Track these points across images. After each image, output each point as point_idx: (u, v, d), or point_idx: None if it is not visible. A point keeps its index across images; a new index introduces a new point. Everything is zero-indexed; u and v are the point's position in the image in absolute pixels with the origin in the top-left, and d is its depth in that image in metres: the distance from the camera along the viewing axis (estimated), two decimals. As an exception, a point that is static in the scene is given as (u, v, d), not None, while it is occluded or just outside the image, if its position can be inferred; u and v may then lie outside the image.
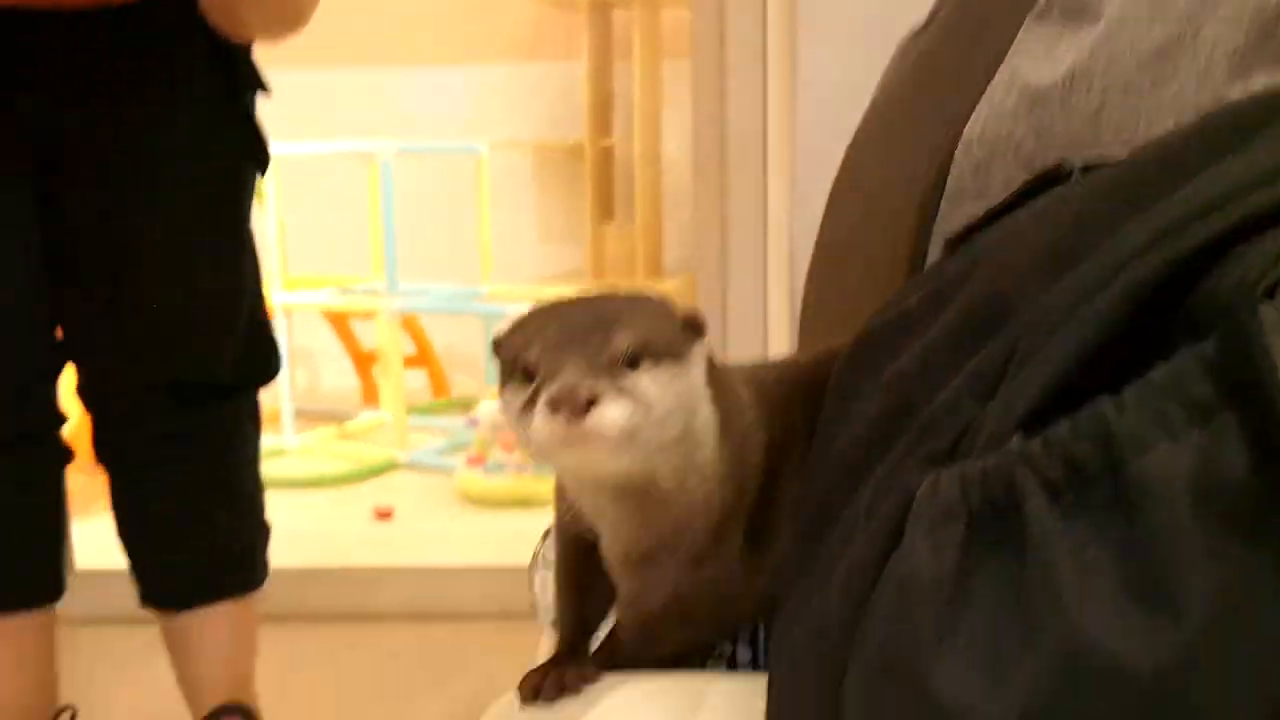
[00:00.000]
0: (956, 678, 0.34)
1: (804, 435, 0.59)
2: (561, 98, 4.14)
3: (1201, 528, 0.31)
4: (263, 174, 1.35)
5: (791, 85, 1.75)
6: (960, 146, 0.82)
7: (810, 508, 0.52)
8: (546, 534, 0.77)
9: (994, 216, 0.54)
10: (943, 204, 0.84)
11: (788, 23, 1.76)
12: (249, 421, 1.42)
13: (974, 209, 0.83)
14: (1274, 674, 0.30)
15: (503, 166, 4.06)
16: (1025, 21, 0.83)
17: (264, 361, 1.41)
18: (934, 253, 0.84)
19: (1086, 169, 0.53)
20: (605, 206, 4.10)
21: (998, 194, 0.81)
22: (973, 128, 0.82)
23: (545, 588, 0.76)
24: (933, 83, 0.92)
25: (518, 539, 0.82)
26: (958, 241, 0.56)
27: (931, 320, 0.47)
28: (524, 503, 2.74)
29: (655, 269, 3.99)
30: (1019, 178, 0.81)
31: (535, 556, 0.80)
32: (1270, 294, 0.32)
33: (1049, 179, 0.55)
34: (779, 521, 0.60)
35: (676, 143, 3.88)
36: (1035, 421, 0.36)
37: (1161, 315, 0.35)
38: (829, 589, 0.44)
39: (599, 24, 3.93)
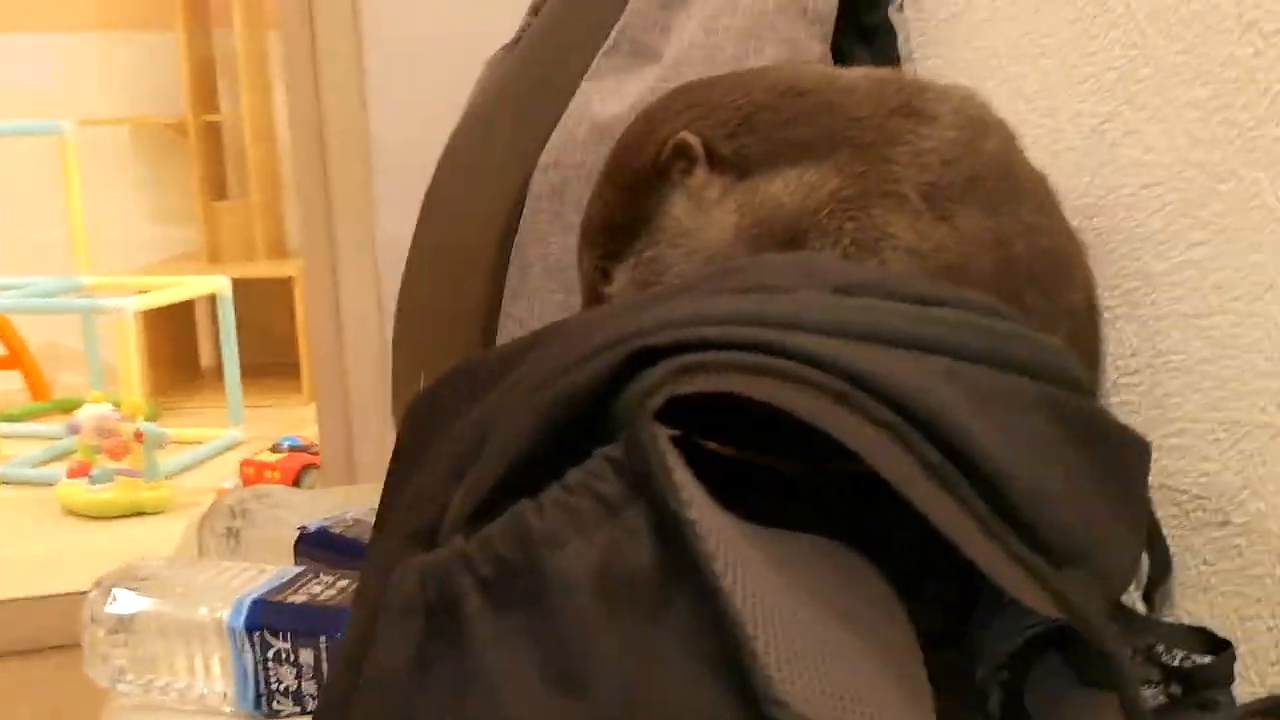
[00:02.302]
0: None
1: None
2: (163, 70, 3.86)
3: (606, 614, 0.34)
4: None
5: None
6: (538, 170, 0.85)
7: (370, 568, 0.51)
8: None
9: None
10: (521, 222, 0.85)
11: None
12: None
13: (548, 227, 0.85)
14: None
15: (100, 145, 3.75)
16: (597, 55, 0.86)
17: None
18: (514, 266, 0.85)
19: None
20: (217, 185, 3.88)
21: (571, 217, 0.83)
22: (549, 153, 0.84)
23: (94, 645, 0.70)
24: (515, 105, 0.94)
25: (132, 553, 0.77)
26: None
27: (495, 385, 0.48)
28: (137, 512, 2.57)
29: (278, 248, 3.83)
30: None
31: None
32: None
33: None
34: None
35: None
36: (490, 512, 0.37)
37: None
38: (336, 662, 0.44)
39: (193, -9, 3.70)
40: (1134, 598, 0.58)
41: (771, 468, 0.58)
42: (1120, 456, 0.46)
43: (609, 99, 0.83)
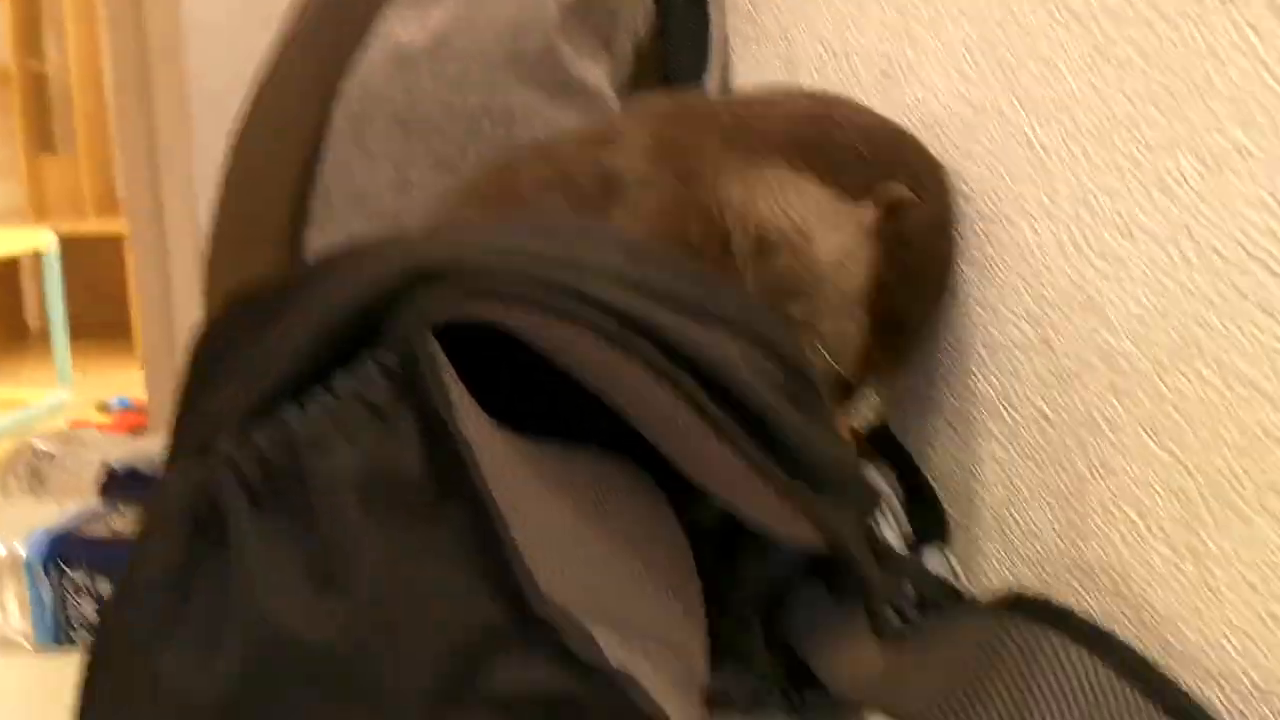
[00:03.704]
0: (176, 662, 0.36)
1: None
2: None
3: (370, 516, 0.35)
4: None
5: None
6: (340, 97, 0.84)
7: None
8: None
9: None
10: (325, 150, 0.84)
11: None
12: None
13: (351, 156, 0.84)
14: (438, 637, 0.35)
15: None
16: None
17: None
18: (317, 195, 0.85)
19: None
20: (43, 137, 3.71)
21: (373, 145, 0.83)
22: (350, 81, 0.83)
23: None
24: (318, 30, 0.92)
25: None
26: None
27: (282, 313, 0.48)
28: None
29: (108, 204, 3.68)
30: (393, 132, 0.83)
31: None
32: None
33: None
34: None
35: (120, 67, 3.57)
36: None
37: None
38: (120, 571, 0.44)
39: (14, -68, 3.51)
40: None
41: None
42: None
43: (411, 25, 0.83)
